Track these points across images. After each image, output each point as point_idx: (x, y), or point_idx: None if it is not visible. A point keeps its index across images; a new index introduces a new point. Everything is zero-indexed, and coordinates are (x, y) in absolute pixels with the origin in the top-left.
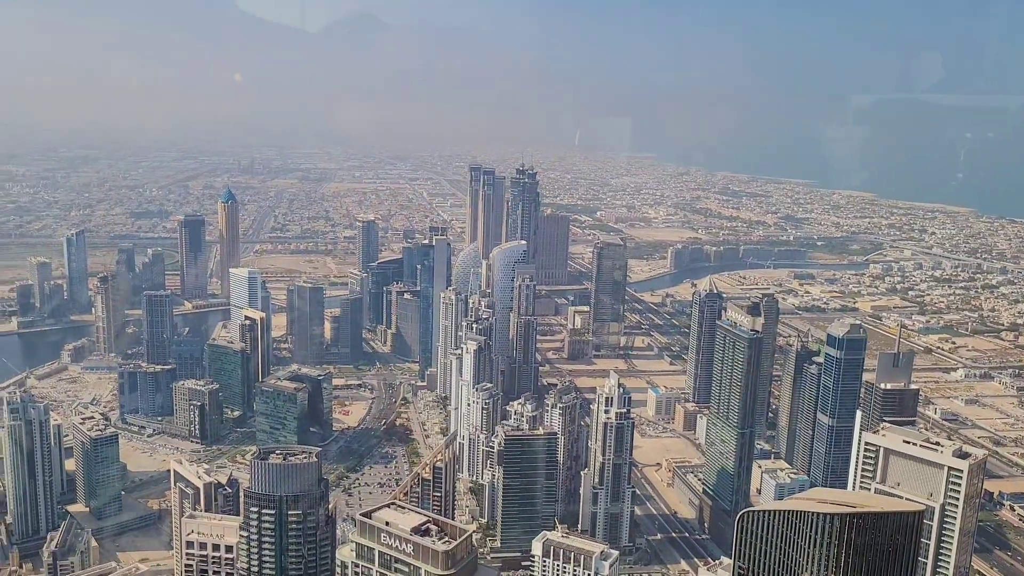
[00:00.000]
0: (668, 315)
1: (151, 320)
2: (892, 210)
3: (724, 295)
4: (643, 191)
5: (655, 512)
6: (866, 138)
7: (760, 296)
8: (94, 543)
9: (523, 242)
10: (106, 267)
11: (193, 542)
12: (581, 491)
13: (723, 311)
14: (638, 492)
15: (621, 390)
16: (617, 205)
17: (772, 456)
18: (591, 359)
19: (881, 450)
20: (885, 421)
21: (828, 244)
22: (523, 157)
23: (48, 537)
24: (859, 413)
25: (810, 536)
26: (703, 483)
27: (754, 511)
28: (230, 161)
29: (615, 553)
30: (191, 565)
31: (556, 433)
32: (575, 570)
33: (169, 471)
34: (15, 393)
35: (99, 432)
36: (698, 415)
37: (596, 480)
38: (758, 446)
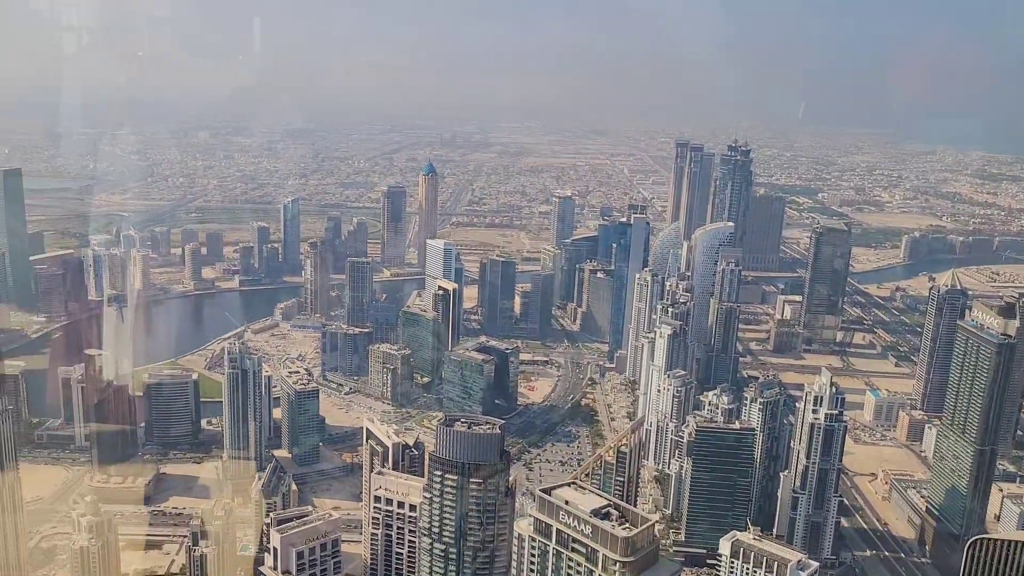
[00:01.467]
0: (897, 311)
1: (353, 285)
2: None
3: (970, 292)
4: (876, 171)
5: (865, 526)
6: None
7: (1017, 296)
8: (294, 487)
9: (730, 224)
10: (316, 233)
11: (380, 497)
12: (779, 494)
13: (968, 310)
14: (846, 502)
15: (834, 389)
16: (843, 186)
17: (1018, 480)
18: (800, 353)
19: None
20: None
21: None
22: (736, 133)
23: (256, 477)
24: None
25: None
26: (927, 501)
27: (990, 539)
28: (432, 134)
29: (815, 564)
30: (378, 518)
31: (754, 429)
32: None
33: (362, 428)
34: (235, 344)
35: (303, 386)
36: (926, 425)
37: (797, 484)
38: (1000, 467)
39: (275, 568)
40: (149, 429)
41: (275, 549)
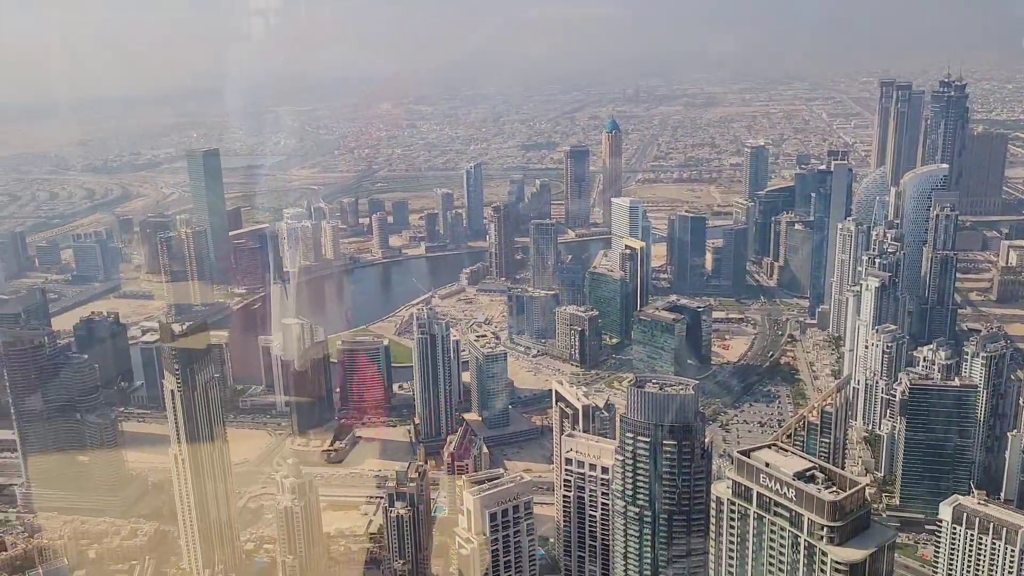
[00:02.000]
0: None
1: (537, 247)
2: None
3: None
4: None
5: None
6: None
7: None
8: (485, 449)
9: (944, 166)
10: (499, 197)
11: (572, 459)
12: (1007, 455)
13: None
14: None
15: None
16: None
17: None
18: None
19: None
20: None
21: None
22: (949, 67)
23: (447, 440)
24: None
25: None
26: None
27: None
28: (615, 91)
29: None
30: (569, 480)
31: (976, 386)
32: (994, 543)
33: (551, 391)
34: (423, 310)
35: (491, 350)
36: None
37: None
38: None
39: (469, 529)
40: (344, 394)
41: (468, 511)
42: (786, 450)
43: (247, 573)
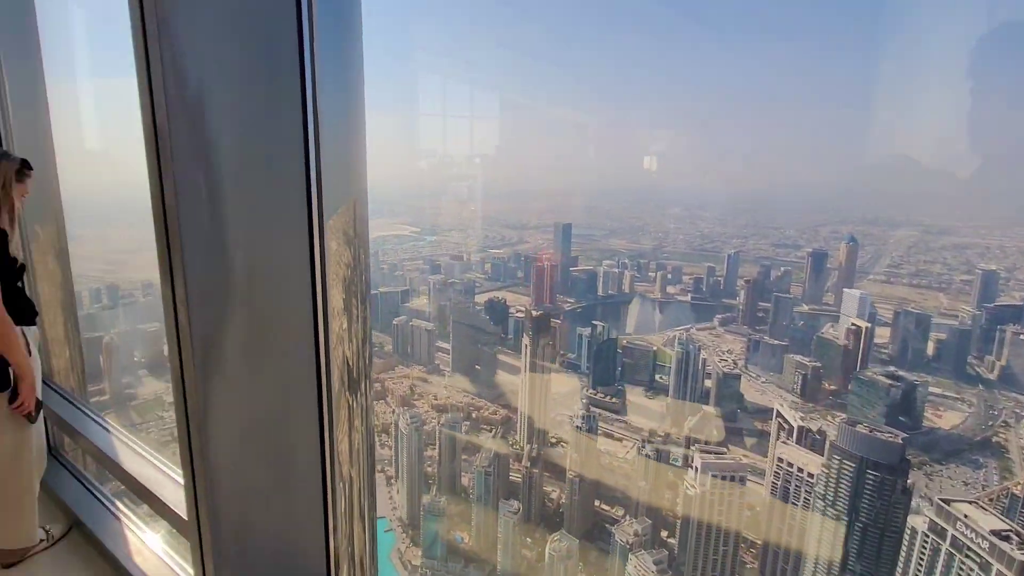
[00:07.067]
0: None
1: (776, 311)
2: None
3: None
4: None
5: None
6: None
7: None
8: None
9: None
10: (749, 274)
11: (783, 458)
12: None
13: None
14: None
15: None
16: None
17: None
18: None
19: None
20: None
21: None
22: None
23: (687, 418)
24: None
25: None
26: None
27: None
28: (855, 216)
29: None
30: (778, 473)
31: None
32: None
33: (772, 408)
34: (684, 334)
35: (729, 369)
36: None
37: None
38: None
39: (696, 481)
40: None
41: (696, 469)
42: (986, 509)
43: (548, 444)
